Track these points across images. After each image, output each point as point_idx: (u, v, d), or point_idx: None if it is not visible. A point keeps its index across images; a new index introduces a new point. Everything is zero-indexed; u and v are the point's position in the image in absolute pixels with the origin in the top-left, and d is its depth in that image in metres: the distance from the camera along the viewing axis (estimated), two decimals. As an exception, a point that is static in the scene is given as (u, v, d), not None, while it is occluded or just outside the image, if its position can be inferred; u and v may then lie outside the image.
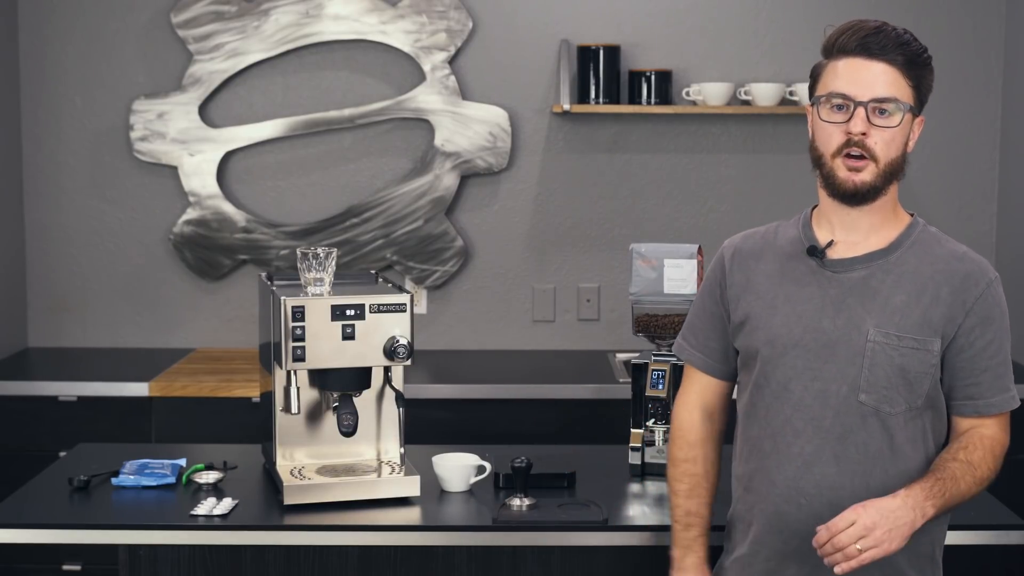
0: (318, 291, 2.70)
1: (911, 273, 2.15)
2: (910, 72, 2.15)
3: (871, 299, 2.15)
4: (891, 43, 2.16)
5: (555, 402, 3.90)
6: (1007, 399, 2.18)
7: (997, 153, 4.44)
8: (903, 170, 2.18)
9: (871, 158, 2.13)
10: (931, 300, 2.13)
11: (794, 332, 2.18)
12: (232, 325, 4.46)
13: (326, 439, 2.82)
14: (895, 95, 2.13)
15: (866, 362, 2.12)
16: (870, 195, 2.16)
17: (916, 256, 2.17)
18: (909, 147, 2.18)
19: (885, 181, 2.16)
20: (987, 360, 2.15)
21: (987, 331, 2.14)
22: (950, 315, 2.13)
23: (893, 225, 2.21)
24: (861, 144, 2.13)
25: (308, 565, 2.74)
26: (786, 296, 2.21)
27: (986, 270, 2.17)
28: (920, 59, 2.17)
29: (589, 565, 2.73)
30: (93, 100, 4.41)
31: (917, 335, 2.12)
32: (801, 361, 2.17)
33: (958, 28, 4.39)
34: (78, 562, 3.81)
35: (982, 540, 2.62)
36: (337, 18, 4.33)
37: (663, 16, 4.38)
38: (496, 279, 4.49)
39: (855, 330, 2.13)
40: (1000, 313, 2.16)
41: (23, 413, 3.92)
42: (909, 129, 2.16)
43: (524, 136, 4.42)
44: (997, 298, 2.16)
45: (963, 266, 2.16)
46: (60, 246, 4.46)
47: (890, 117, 2.13)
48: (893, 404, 2.13)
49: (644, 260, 3.12)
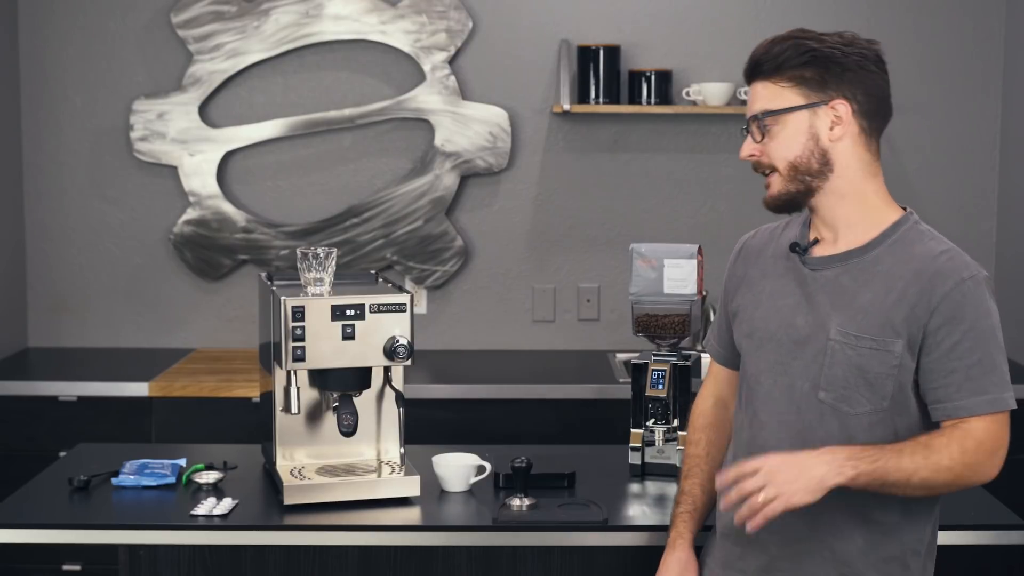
0: (318, 291, 2.70)
1: (883, 273, 2.13)
2: (783, 76, 2.14)
3: (839, 298, 2.15)
4: (751, 64, 2.18)
5: (555, 402, 3.90)
6: (982, 402, 2.08)
7: (997, 153, 4.44)
8: (827, 164, 2.14)
9: (772, 170, 2.17)
10: (896, 300, 2.10)
11: (770, 327, 2.21)
12: (232, 325, 4.46)
13: (326, 439, 2.82)
14: (765, 107, 2.15)
15: (827, 360, 2.13)
16: (792, 202, 2.18)
17: (893, 255, 2.14)
18: (826, 139, 2.14)
19: (799, 183, 2.15)
20: (955, 361, 2.07)
21: (954, 331, 2.07)
22: (914, 315, 2.09)
23: (874, 222, 2.18)
24: (756, 165, 2.19)
25: (308, 565, 2.74)
26: (771, 291, 2.24)
27: (959, 269, 2.09)
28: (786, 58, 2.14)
29: (589, 565, 2.73)
30: (93, 100, 4.41)
31: (877, 335, 2.10)
32: (774, 355, 2.20)
33: (958, 28, 4.39)
34: (78, 562, 3.81)
35: (982, 540, 2.62)
36: (337, 18, 4.33)
37: (663, 16, 4.38)
38: (496, 279, 4.49)
39: (821, 328, 2.14)
40: (974, 313, 2.08)
41: (23, 413, 3.92)
42: (809, 124, 2.14)
43: (524, 136, 4.42)
44: (969, 297, 2.08)
45: (934, 265, 2.10)
46: (60, 246, 4.46)
47: (772, 127, 2.15)
48: (853, 404, 2.12)
49: (644, 260, 3.12)
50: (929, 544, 2.22)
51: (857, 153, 2.16)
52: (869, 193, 2.18)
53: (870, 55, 2.16)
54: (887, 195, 2.22)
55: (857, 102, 2.14)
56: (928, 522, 2.21)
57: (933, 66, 4.41)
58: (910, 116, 4.41)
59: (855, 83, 2.14)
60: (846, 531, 2.15)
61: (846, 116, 2.13)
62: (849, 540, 2.16)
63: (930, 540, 2.22)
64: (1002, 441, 2.11)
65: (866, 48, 2.16)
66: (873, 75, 2.15)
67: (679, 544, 2.36)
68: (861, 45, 2.16)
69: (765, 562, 2.21)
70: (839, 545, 2.16)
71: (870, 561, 2.16)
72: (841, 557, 2.15)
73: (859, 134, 2.16)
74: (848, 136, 2.15)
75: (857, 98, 2.14)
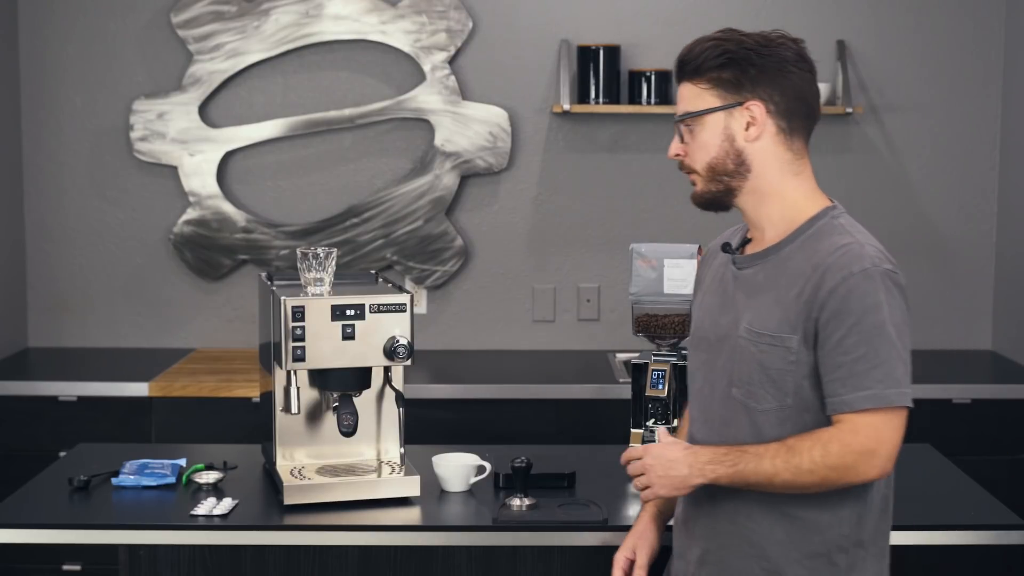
0: (318, 291, 2.70)
1: (791, 270, 2.14)
2: (702, 78, 2.18)
3: (752, 296, 2.17)
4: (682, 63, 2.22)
5: (555, 402, 3.90)
6: (861, 398, 2.04)
7: (997, 153, 4.44)
8: (743, 165, 2.16)
9: (693, 171, 2.22)
10: (795, 296, 2.11)
11: (704, 326, 2.27)
12: (232, 325, 4.46)
13: (326, 439, 2.82)
14: (686, 109, 2.20)
15: (736, 357, 2.16)
16: (715, 201, 2.22)
17: (802, 251, 2.14)
18: (741, 139, 2.16)
19: (718, 184, 2.19)
20: (840, 356, 2.05)
21: (840, 326, 2.05)
22: (807, 311, 2.09)
23: (792, 219, 2.18)
24: (681, 165, 2.24)
25: (308, 565, 2.74)
26: (711, 292, 2.29)
27: (851, 263, 2.06)
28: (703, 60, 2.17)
29: (589, 565, 2.73)
30: (93, 100, 4.41)
31: (775, 332, 2.11)
32: (704, 354, 2.25)
33: (958, 28, 4.39)
34: (78, 562, 3.81)
35: (982, 540, 2.62)
36: (337, 18, 4.33)
37: (663, 16, 4.38)
38: (496, 279, 4.49)
39: (735, 326, 2.18)
40: (860, 307, 2.04)
41: (23, 413, 3.92)
42: (724, 126, 2.16)
43: (524, 136, 4.42)
44: (856, 291, 2.05)
45: (831, 260, 2.09)
46: (60, 246, 4.46)
47: (692, 129, 2.20)
48: (760, 400, 2.14)
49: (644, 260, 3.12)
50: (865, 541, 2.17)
51: (776, 153, 2.17)
52: (789, 191, 2.19)
53: (790, 55, 2.17)
54: (812, 192, 2.20)
55: (773, 103, 2.15)
56: (855, 517, 2.16)
57: (933, 66, 4.41)
58: (910, 116, 4.41)
59: (771, 84, 2.15)
60: (765, 526, 2.16)
61: (761, 117, 2.15)
62: (769, 535, 2.16)
63: (870, 537, 2.17)
64: (883, 440, 2.06)
65: (787, 48, 2.17)
66: (792, 75, 2.16)
67: (641, 515, 2.44)
68: (781, 45, 2.17)
69: (699, 554, 2.24)
70: (760, 540, 2.16)
71: (792, 557, 2.15)
72: (762, 552, 2.16)
73: (777, 134, 2.17)
74: (765, 136, 2.16)
75: (773, 99, 2.15)
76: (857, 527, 2.15)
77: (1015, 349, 4.30)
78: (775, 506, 2.14)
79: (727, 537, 2.19)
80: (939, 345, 4.46)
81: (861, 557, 2.17)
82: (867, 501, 2.16)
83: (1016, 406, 3.93)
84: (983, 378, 4.13)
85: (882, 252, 2.11)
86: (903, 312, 2.08)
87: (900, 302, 2.08)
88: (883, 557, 2.22)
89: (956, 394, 3.92)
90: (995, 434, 3.93)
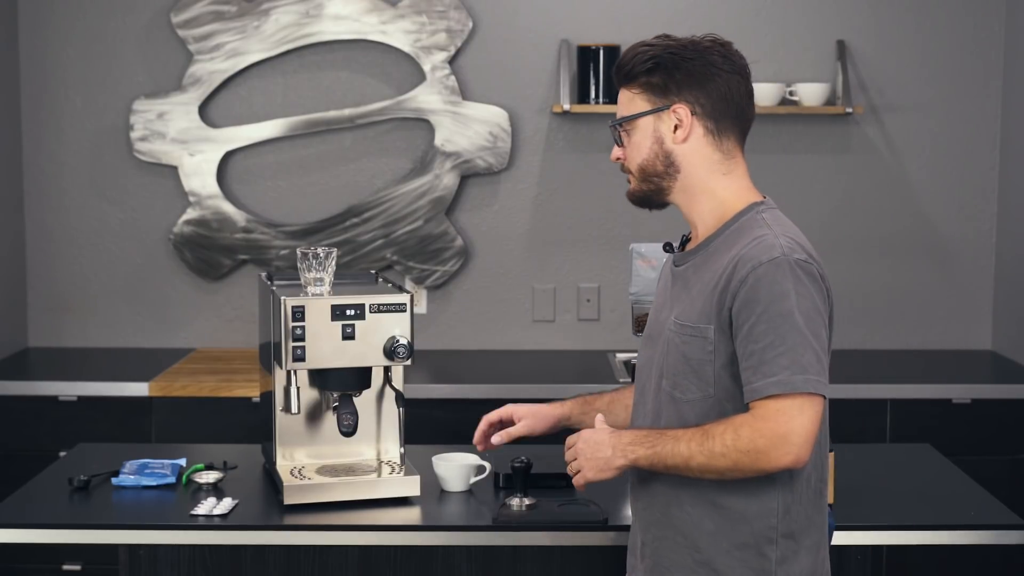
0: (318, 291, 2.70)
1: (713, 264, 2.19)
2: (635, 84, 2.25)
3: (682, 290, 2.24)
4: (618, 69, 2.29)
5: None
6: (768, 384, 2.06)
7: (997, 153, 4.44)
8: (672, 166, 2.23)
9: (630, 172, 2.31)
10: (712, 288, 2.16)
11: (649, 323, 2.35)
12: (232, 325, 4.46)
13: (326, 439, 2.82)
14: (620, 114, 2.28)
15: (665, 350, 2.22)
16: (647, 200, 2.30)
17: (727, 244, 2.19)
18: (670, 141, 2.22)
19: (649, 184, 2.27)
20: (751, 344, 2.09)
21: (750, 315, 2.09)
22: (721, 301, 2.13)
23: (721, 215, 2.23)
24: (622, 167, 2.33)
25: (308, 565, 2.74)
26: (657, 291, 2.39)
27: (761, 253, 2.10)
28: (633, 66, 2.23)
29: (589, 565, 2.73)
30: (93, 100, 4.41)
31: (695, 323, 2.16)
32: (647, 350, 2.31)
33: (958, 28, 4.39)
34: (78, 562, 3.81)
35: (982, 540, 2.62)
36: (337, 18, 4.33)
37: (663, 16, 4.38)
38: (496, 279, 4.49)
39: (666, 320, 2.24)
40: (768, 295, 2.07)
41: (23, 413, 3.92)
42: (653, 128, 2.23)
43: (524, 136, 4.42)
44: (764, 280, 2.08)
45: (744, 251, 2.13)
46: (60, 246, 4.46)
47: (626, 134, 2.28)
48: (684, 391, 2.18)
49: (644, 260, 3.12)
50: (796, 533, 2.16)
51: (705, 153, 2.22)
52: (720, 189, 2.23)
53: (716, 58, 2.20)
54: (742, 190, 2.24)
55: (700, 104, 2.20)
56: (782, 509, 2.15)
57: (933, 66, 4.41)
58: (910, 116, 4.41)
59: (697, 87, 2.19)
60: (695, 516, 2.18)
61: (687, 119, 2.20)
62: (699, 525, 2.17)
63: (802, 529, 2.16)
64: (793, 425, 2.06)
65: (713, 51, 2.21)
66: (719, 77, 2.20)
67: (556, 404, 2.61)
68: (707, 49, 2.21)
69: (639, 547, 2.29)
70: (689, 530, 2.18)
71: (722, 547, 2.16)
72: (693, 543, 2.18)
73: (705, 135, 2.21)
74: (693, 138, 2.21)
75: (700, 101, 2.20)
76: (785, 518, 2.16)
77: (1015, 349, 4.30)
78: (704, 496, 2.16)
79: (661, 528, 2.23)
80: (939, 345, 4.46)
81: (792, 549, 2.16)
82: (795, 491, 2.16)
83: (1016, 406, 3.93)
84: (983, 378, 4.13)
85: (796, 243, 2.13)
86: (813, 301, 2.10)
87: (810, 291, 2.10)
88: (817, 550, 2.20)
89: (956, 394, 3.92)
90: (995, 434, 3.93)
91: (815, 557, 2.20)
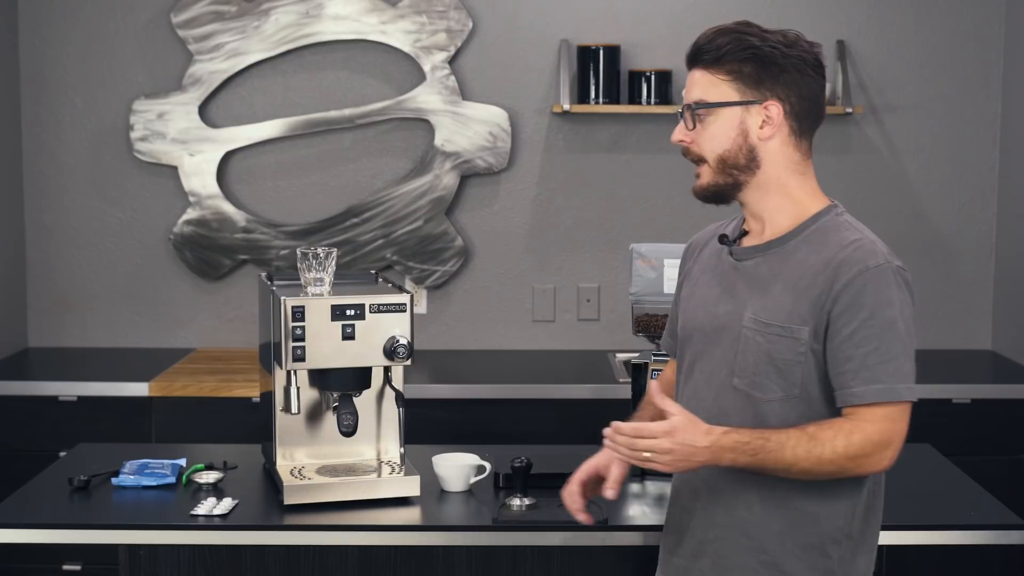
0: (318, 291, 2.70)
1: (798, 262, 2.16)
2: (722, 69, 2.17)
3: (756, 287, 2.19)
4: (693, 50, 2.21)
5: (555, 402, 3.90)
6: (876, 391, 2.07)
7: (997, 153, 4.44)
8: (755, 160, 2.18)
9: (702, 160, 2.21)
10: (805, 288, 2.13)
11: (698, 317, 2.26)
12: (232, 325, 4.46)
13: (326, 439, 2.82)
14: (701, 97, 2.18)
15: (740, 347, 2.17)
16: (720, 194, 2.22)
17: (811, 244, 2.17)
18: (755, 136, 2.17)
19: (727, 176, 2.19)
20: (852, 349, 2.08)
21: (853, 319, 2.08)
22: (820, 303, 2.11)
23: (794, 213, 2.20)
24: (685, 152, 2.23)
25: (308, 565, 2.74)
26: (704, 283, 2.29)
27: (866, 258, 2.10)
28: (728, 51, 2.17)
29: (589, 565, 2.73)
30: (93, 100, 4.41)
31: (785, 323, 2.13)
32: (700, 345, 2.25)
33: (958, 28, 4.39)
34: (78, 562, 3.81)
35: (982, 540, 2.63)
36: (337, 18, 4.33)
37: (663, 16, 4.38)
38: (496, 279, 4.49)
39: (737, 317, 2.18)
40: (875, 302, 2.08)
41: (23, 413, 3.92)
42: (740, 120, 2.17)
43: (524, 136, 4.42)
44: (871, 286, 2.08)
45: (844, 254, 2.12)
46: (60, 246, 4.46)
47: (705, 117, 2.18)
48: (764, 390, 2.15)
49: (644, 260, 3.12)
50: (856, 533, 2.19)
51: (786, 153, 2.19)
52: (794, 189, 2.21)
53: (809, 59, 2.18)
54: (814, 191, 2.23)
55: (790, 103, 2.17)
56: (850, 511, 2.18)
57: (933, 66, 4.41)
58: (910, 116, 4.41)
59: (790, 85, 2.16)
60: (764, 516, 2.16)
61: (777, 117, 2.17)
62: (767, 526, 2.17)
63: (859, 530, 2.19)
64: (894, 434, 2.10)
65: (807, 51, 2.19)
66: (809, 79, 2.18)
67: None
68: (802, 47, 2.19)
69: (694, 547, 2.24)
70: (756, 531, 2.17)
71: (788, 548, 2.16)
72: (759, 543, 2.17)
73: (789, 135, 2.19)
74: (778, 136, 2.18)
75: (791, 100, 2.17)
76: (851, 520, 2.18)
77: (1015, 349, 4.30)
78: (776, 497, 2.15)
79: (723, 529, 2.20)
80: (939, 345, 4.46)
81: (851, 550, 2.18)
82: (862, 493, 2.19)
83: (1016, 406, 3.93)
84: (983, 378, 4.13)
85: (891, 250, 2.16)
86: (911, 310, 2.12)
87: (909, 300, 2.13)
88: (871, 552, 2.23)
89: (956, 394, 3.92)
90: (995, 434, 3.93)
91: (869, 558, 2.22)
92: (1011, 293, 4.34)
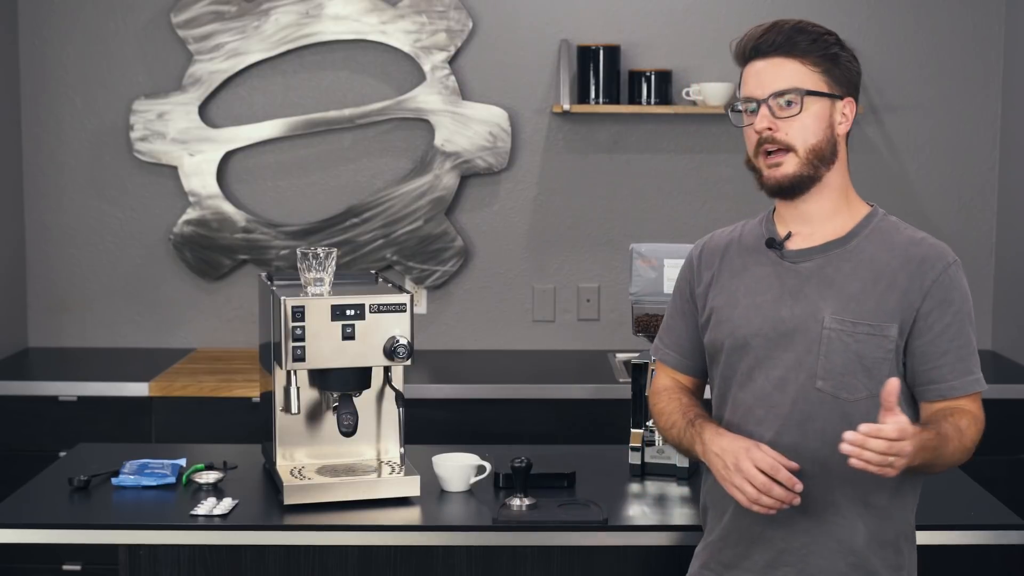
0: (318, 291, 2.70)
1: (868, 260, 2.18)
2: (810, 59, 2.18)
3: (828, 287, 2.18)
4: (782, 38, 2.19)
5: (555, 402, 3.90)
6: (971, 382, 2.17)
7: (997, 153, 4.44)
8: (835, 155, 2.21)
9: (788, 149, 2.18)
10: (887, 286, 2.15)
11: (753, 323, 2.21)
12: (232, 325, 4.46)
13: (326, 439, 2.82)
14: (794, 84, 2.16)
15: (823, 349, 2.15)
16: (800, 185, 2.19)
17: (874, 244, 2.20)
18: (839, 131, 2.21)
19: (812, 168, 2.19)
20: (947, 343, 2.14)
21: (945, 314, 2.14)
22: (907, 300, 2.14)
23: (848, 214, 2.24)
24: (771, 139, 2.17)
25: (308, 565, 2.74)
26: (746, 289, 2.25)
27: (944, 254, 2.19)
28: (818, 44, 2.18)
29: (589, 565, 2.73)
30: (93, 100, 4.41)
31: (872, 321, 2.14)
32: (762, 351, 2.20)
33: (958, 28, 4.39)
34: (78, 562, 3.81)
35: (982, 540, 2.62)
36: (337, 18, 4.33)
37: (663, 16, 4.38)
38: (496, 279, 4.49)
39: (812, 318, 2.17)
40: (960, 296, 2.16)
41: (23, 413, 3.92)
42: (829, 113, 2.19)
43: (524, 136, 4.42)
44: (956, 281, 2.17)
45: (920, 250, 2.18)
46: (60, 246, 4.46)
47: (795, 106, 2.16)
48: (852, 391, 2.14)
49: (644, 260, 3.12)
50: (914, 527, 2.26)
51: (845, 153, 2.26)
52: (846, 189, 2.26)
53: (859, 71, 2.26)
54: (855, 193, 2.30)
55: (857, 105, 2.25)
56: (914, 505, 2.24)
57: (933, 66, 4.41)
58: (910, 116, 4.41)
59: (856, 91, 2.24)
60: (850, 518, 2.17)
61: (851, 116, 2.23)
62: (853, 527, 2.17)
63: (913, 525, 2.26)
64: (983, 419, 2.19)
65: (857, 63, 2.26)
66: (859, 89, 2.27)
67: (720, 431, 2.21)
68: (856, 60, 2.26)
69: (771, 557, 2.21)
70: (844, 534, 2.17)
71: (871, 548, 2.18)
72: (848, 546, 2.17)
73: (849, 137, 2.26)
74: (845, 135, 2.24)
75: (857, 102, 2.25)
76: (913, 514, 2.24)
77: (1015, 349, 4.30)
78: (857, 496, 2.16)
79: (810, 535, 2.18)
80: (939, 345, 4.45)
81: (912, 545, 2.24)
82: (919, 489, 2.25)
83: (1016, 406, 3.92)
84: (983, 378, 4.13)
85: None
86: None
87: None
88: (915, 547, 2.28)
89: (956, 394, 3.92)
90: (995, 434, 3.89)
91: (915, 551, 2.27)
92: (1011, 293, 4.34)
